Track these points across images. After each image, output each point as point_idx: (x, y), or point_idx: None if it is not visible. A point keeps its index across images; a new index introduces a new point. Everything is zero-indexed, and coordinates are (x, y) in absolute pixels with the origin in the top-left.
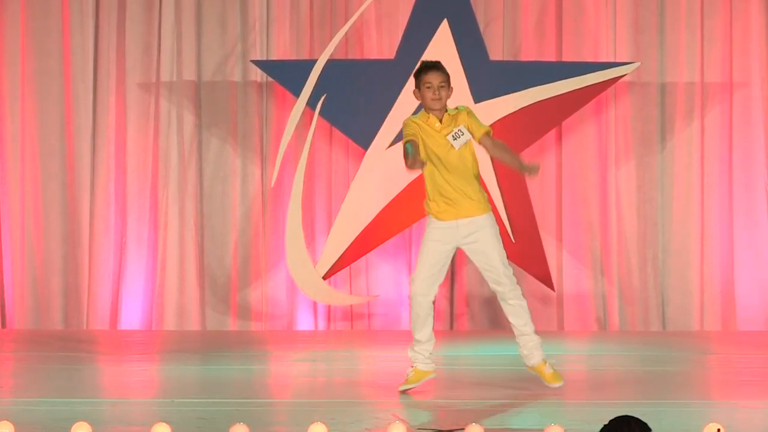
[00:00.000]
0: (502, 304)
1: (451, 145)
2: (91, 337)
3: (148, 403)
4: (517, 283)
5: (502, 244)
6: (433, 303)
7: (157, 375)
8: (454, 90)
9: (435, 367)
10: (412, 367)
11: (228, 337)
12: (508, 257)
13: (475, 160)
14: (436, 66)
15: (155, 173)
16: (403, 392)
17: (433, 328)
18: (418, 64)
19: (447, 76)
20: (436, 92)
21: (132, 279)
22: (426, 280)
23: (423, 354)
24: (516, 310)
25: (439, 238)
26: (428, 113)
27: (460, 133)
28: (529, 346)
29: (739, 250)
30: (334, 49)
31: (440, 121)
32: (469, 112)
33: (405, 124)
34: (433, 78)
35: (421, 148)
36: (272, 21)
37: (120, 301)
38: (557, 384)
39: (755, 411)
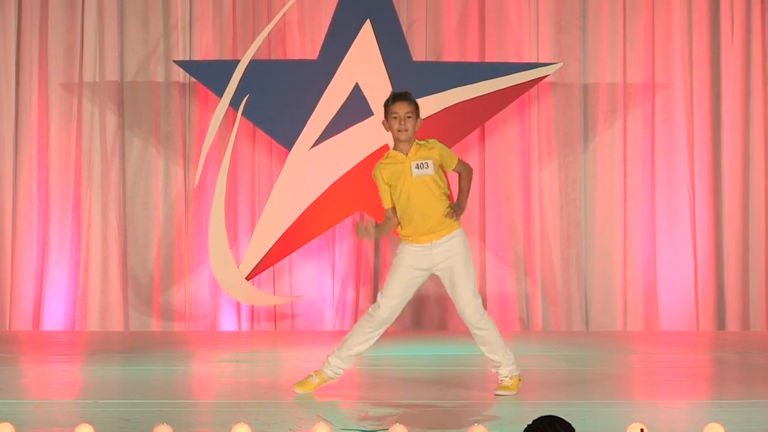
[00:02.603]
0: (471, 330)
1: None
2: (13, 337)
3: (72, 404)
4: (482, 306)
5: (473, 273)
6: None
7: (80, 376)
8: (420, 118)
9: (336, 378)
10: (319, 371)
11: (151, 337)
12: None
13: (438, 182)
14: (403, 96)
15: (78, 173)
16: (295, 391)
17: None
18: (388, 95)
19: (415, 106)
20: (403, 122)
21: (55, 279)
22: (394, 299)
23: (342, 366)
24: (484, 339)
25: (411, 263)
26: (396, 146)
27: (424, 165)
28: (498, 368)
29: (662, 250)
30: (256, 50)
31: (407, 153)
32: (442, 147)
33: (375, 176)
34: (399, 108)
35: (393, 188)
36: (195, 21)
37: (43, 301)
38: (504, 392)
39: (678, 411)
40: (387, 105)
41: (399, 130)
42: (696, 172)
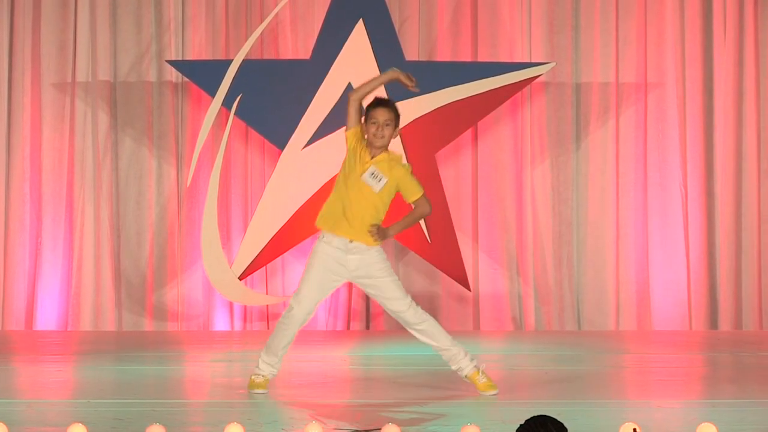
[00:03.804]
0: (409, 330)
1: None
2: (6, 337)
3: (64, 404)
4: (413, 301)
5: (393, 273)
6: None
7: (72, 375)
8: (398, 128)
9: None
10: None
11: (144, 337)
12: (425, 257)
13: (378, 205)
14: (386, 103)
15: (71, 173)
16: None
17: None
18: (372, 99)
19: (396, 115)
20: (381, 129)
21: (48, 279)
22: (309, 304)
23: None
24: (425, 332)
25: (327, 266)
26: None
27: (378, 177)
28: (456, 360)
29: (654, 249)
30: (249, 49)
31: (372, 156)
32: (406, 175)
33: (348, 136)
34: (380, 114)
35: (343, 175)
36: (187, 21)
37: (36, 301)
38: (490, 392)
39: (671, 410)
40: (368, 109)
41: (375, 136)
42: (688, 171)
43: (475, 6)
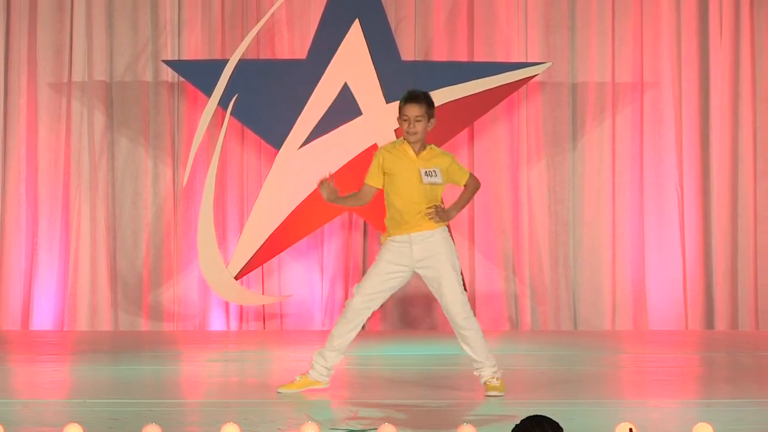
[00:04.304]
0: (454, 330)
1: (421, 179)
2: (2, 337)
3: (61, 404)
4: (468, 305)
5: (459, 272)
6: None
7: (69, 375)
8: (434, 118)
9: (328, 381)
10: (305, 373)
11: (140, 337)
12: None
13: (439, 196)
14: (414, 98)
15: (67, 174)
16: (279, 393)
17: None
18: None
19: (427, 107)
20: (412, 125)
21: (44, 279)
22: (368, 295)
23: (326, 364)
24: (467, 339)
25: (391, 257)
26: (406, 141)
27: (434, 173)
28: (480, 369)
29: (650, 249)
30: (245, 49)
31: (417, 152)
32: (453, 161)
33: (376, 155)
34: (410, 111)
35: (384, 174)
36: (184, 21)
37: (32, 301)
38: (493, 393)
39: (667, 410)
40: (400, 104)
41: (408, 132)
42: (684, 171)
43: (471, 6)
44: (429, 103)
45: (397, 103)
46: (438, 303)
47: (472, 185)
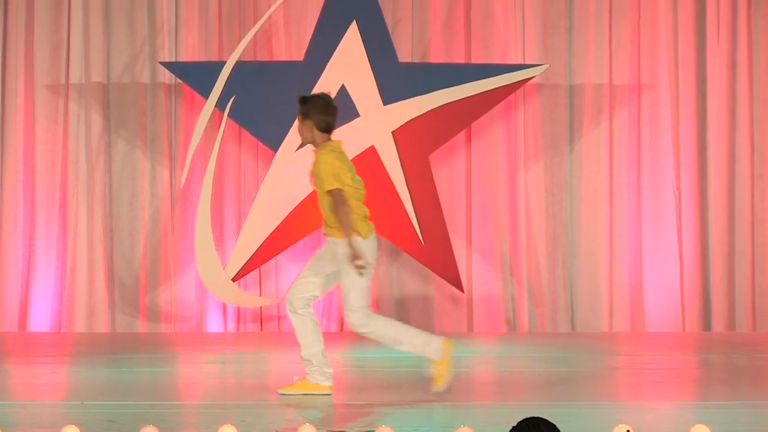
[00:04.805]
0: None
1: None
2: None
3: (58, 406)
4: (366, 310)
5: (358, 280)
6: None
7: (66, 377)
8: (309, 119)
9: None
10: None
11: (137, 339)
12: (418, 259)
13: (326, 204)
14: (299, 100)
15: (64, 175)
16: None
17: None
18: None
19: (301, 108)
20: (299, 129)
21: (41, 281)
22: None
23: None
24: (374, 338)
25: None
26: None
27: (311, 178)
28: (417, 352)
29: (647, 251)
30: (242, 51)
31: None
32: (317, 165)
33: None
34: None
35: None
36: (181, 22)
37: (29, 302)
38: (438, 386)
39: (664, 412)
40: None
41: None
42: (682, 173)
43: (468, 7)
44: (303, 103)
45: (394, 105)
46: (435, 304)
47: (333, 199)
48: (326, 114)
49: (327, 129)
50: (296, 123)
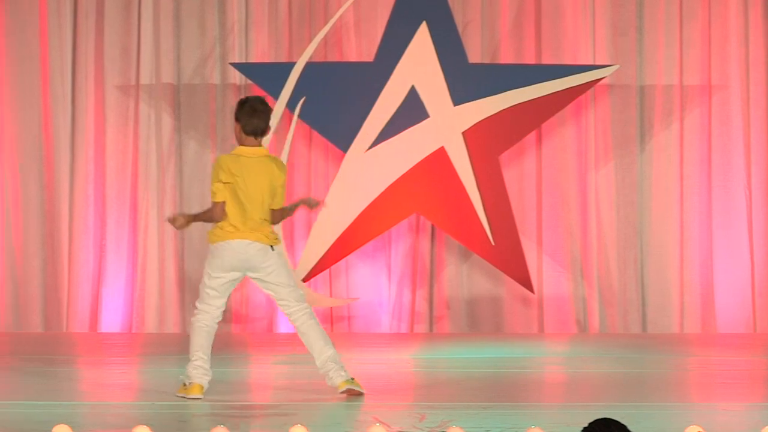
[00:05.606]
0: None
1: None
2: (71, 339)
3: (128, 406)
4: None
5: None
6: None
7: (137, 377)
8: (236, 122)
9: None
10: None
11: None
12: (488, 260)
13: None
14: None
15: (134, 175)
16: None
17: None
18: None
19: (235, 112)
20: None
21: (112, 281)
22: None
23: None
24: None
25: None
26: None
27: None
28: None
29: (719, 251)
30: (312, 52)
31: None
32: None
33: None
34: None
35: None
36: (251, 23)
37: (100, 303)
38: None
39: (735, 413)
40: None
41: None
42: (753, 173)
43: (538, 8)
44: (237, 106)
45: (464, 106)
46: (506, 305)
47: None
48: (251, 117)
49: (252, 133)
50: (366, 123)
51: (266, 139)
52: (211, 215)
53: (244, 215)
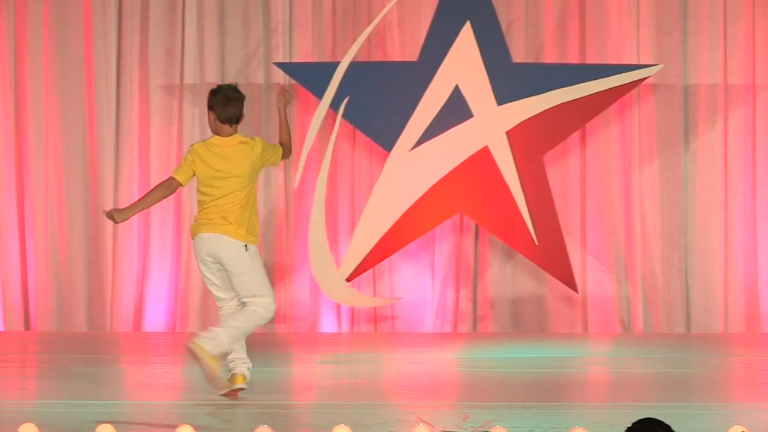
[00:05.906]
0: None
1: None
2: (115, 338)
3: (172, 405)
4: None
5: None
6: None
7: (180, 377)
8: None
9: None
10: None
11: (252, 339)
12: (532, 259)
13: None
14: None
15: None
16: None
17: None
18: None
19: (208, 101)
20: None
21: (156, 281)
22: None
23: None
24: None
25: None
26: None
27: None
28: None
29: (763, 251)
30: (356, 51)
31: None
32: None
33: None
34: None
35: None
36: (295, 23)
37: (144, 303)
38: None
39: None
40: None
41: None
42: None
43: (582, 7)
44: (209, 95)
45: (508, 105)
46: (549, 305)
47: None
48: (226, 106)
49: (228, 120)
50: (410, 123)
51: (308, 140)
52: (157, 189)
53: (214, 208)
